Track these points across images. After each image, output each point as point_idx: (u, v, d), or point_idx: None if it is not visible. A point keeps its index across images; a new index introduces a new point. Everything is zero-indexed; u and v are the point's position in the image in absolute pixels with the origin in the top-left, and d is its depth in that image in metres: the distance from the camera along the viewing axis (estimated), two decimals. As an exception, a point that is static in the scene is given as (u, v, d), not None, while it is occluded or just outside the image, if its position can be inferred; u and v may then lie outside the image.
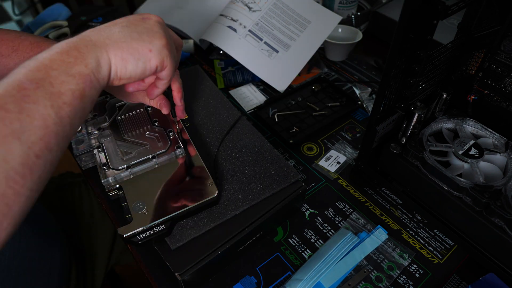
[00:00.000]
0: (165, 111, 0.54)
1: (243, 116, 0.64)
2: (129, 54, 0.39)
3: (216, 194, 0.49)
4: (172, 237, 0.48)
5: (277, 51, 0.84)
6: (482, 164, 0.53)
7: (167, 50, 0.42)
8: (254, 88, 0.84)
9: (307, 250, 0.56)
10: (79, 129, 0.59)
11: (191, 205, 0.47)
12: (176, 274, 0.45)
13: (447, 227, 0.54)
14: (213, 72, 0.88)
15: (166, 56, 0.42)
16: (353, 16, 0.95)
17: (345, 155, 0.70)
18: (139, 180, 0.51)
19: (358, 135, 0.74)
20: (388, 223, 0.59)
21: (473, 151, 0.54)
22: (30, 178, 0.29)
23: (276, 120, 0.74)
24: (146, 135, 0.56)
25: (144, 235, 0.45)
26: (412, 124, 0.56)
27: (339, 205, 0.62)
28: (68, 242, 0.75)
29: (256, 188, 0.53)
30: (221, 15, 0.88)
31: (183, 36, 0.95)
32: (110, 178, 0.50)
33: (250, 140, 0.60)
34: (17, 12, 1.96)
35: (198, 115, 0.64)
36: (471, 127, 0.59)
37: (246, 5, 0.87)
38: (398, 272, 0.53)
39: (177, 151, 0.54)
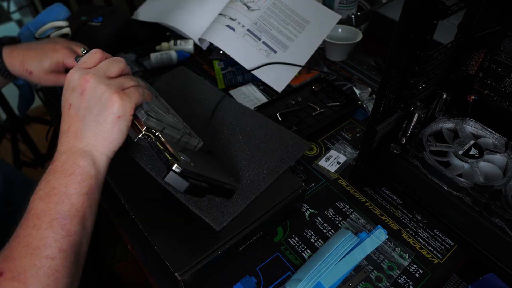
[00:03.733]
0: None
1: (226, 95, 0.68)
2: (111, 135, 0.43)
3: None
4: (214, 220, 0.49)
5: (275, 51, 0.84)
6: (482, 164, 0.53)
7: (122, 99, 0.42)
8: (254, 88, 0.84)
9: (307, 250, 0.56)
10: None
11: (223, 180, 0.49)
12: (176, 274, 0.45)
13: (447, 227, 0.54)
14: (213, 72, 0.88)
15: (126, 101, 0.43)
16: (353, 16, 0.95)
17: (345, 155, 0.70)
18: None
19: (358, 135, 0.74)
20: (388, 223, 0.59)
21: (473, 151, 0.54)
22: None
23: (279, 119, 0.74)
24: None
25: (191, 176, 0.43)
26: (412, 124, 0.56)
27: (339, 205, 0.62)
28: None
29: (276, 161, 0.57)
30: (220, 14, 0.88)
31: (183, 36, 0.95)
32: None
33: (255, 121, 0.63)
34: (12, 9, 1.95)
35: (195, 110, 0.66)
36: (471, 127, 0.59)
37: (245, 4, 0.87)
38: (398, 272, 0.53)
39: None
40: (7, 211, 0.64)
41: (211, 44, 0.92)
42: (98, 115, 0.42)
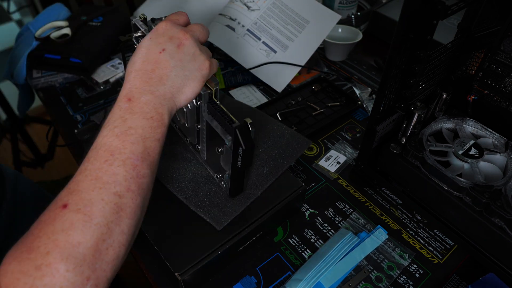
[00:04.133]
0: None
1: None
2: (190, 93, 0.44)
3: None
4: (216, 220, 0.50)
5: (275, 51, 0.84)
6: (482, 164, 0.53)
7: (211, 66, 0.46)
8: (254, 88, 0.84)
9: (307, 250, 0.56)
10: None
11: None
12: (176, 274, 0.45)
13: (447, 227, 0.54)
14: (213, 72, 0.88)
15: (212, 69, 0.46)
16: (353, 16, 0.95)
17: (345, 155, 0.70)
18: None
19: (358, 135, 0.74)
20: (388, 223, 0.59)
21: (473, 151, 0.54)
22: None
23: (279, 119, 0.74)
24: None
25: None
26: (412, 124, 0.56)
27: (339, 205, 0.62)
28: None
29: (277, 160, 0.56)
30: (220, 14, 0.88)
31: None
32: None
33: (255, 120, 0.62)
34: (12, 9, 1.95)
35: None
36: (471, 127, 0.59)
37: (245, 4, 0.87)
38: (398, 272, 0.53)
39: None
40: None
41: (211, 44, 0.92)
42: (188, 70, 0.44)
